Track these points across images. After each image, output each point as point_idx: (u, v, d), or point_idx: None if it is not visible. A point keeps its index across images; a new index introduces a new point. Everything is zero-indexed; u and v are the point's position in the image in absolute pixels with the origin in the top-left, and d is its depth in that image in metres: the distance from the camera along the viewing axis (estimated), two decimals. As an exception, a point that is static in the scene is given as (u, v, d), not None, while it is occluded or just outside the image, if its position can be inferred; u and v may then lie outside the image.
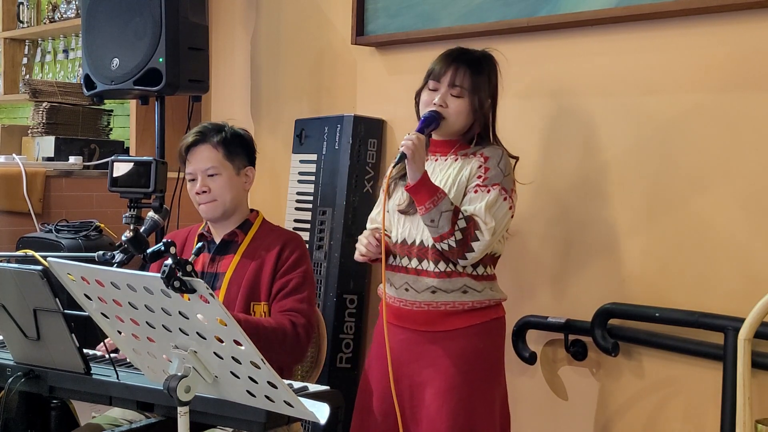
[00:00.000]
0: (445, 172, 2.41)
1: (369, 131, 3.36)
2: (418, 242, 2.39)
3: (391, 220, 2.48)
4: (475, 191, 2.34)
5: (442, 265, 2.36)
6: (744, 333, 2.01)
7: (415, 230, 2.40)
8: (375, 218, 2.57)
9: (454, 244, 2.28)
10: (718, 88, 2.50)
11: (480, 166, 2.36)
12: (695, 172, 2.54)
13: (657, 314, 2.55)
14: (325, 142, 3.44)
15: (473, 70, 2.39)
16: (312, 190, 3.47)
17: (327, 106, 3.65)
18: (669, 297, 2.59)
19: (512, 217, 2.41)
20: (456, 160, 2.41)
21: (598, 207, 2.76)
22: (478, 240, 2.29)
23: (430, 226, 2.30)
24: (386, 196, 2.40)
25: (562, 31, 2.82)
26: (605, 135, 2.74)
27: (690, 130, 2.55)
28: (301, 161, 3.55)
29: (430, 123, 2.38)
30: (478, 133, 2.43)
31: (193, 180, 2.52)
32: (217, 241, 2.55)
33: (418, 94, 2.48)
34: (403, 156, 2.29)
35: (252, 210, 2.60)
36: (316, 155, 3.48)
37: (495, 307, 2.44)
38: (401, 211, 2.44)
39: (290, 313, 2.38)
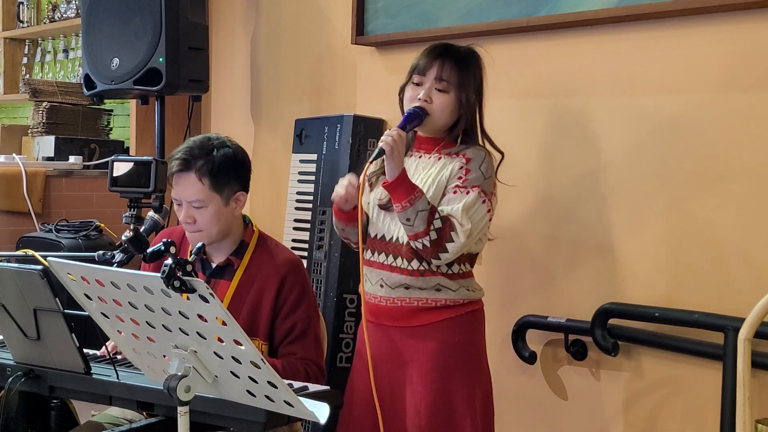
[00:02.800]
0: (427, 170, 2.38)
1: (369, 131, 3.36)
2: (394, 239, 2.38)
3: (371, 215, 2.46)
4: (454, 192, 2.30)
5: (415, 263, 2.34)
6: (744, 333, 2.01)
7: (394, 227, 2.37)
8: None
9: (428, 244, 2.26)
10: (717, 88, 2.50)
11: (461, 167, 2.33)
12: (695, 172, 2.54)
13: (657, 314, 2.55)
14: (325, 142, 3.44)
15: (459, 65, 2.36)
16: (312, 190, 3.47)
17: (327, 106, 3.64)
18: (669, 297, 2.59)
19: (490, 220, 2.37)
20: (439, 159, 2.38)
21: (598, 207, 2.76)
22: (453, 241, 2.26)
23: (406, 224, 2.28)
24: (362, 190, 2.32)
25: (562, 30, 2.82)
26: (605, 135, 2.74)
27: (690, 130, 2.55)
28: (301, 161, 3.55)
29: (412, 120, 2.33)
30: (464, 131, 2.40)
31: (180, 205, 2.36)
32: (213, 264, 2.42)
33: (402, 90, 2.44)
34: (381, 151, 2.27)
35: (246, 223, 2.44)
36: (316, 155, 3.48)
37: (468, 303, 2.40)
38: (381, 206, 2.41)
39: (304, 361, 2.31)
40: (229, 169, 2.33)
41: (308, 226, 3.46)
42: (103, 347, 2.26)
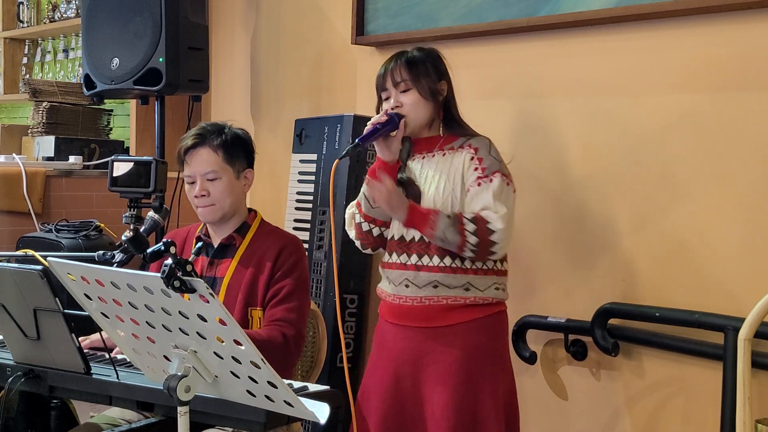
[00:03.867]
0: (434, 167, 2.40)
1: (369, 131, 3.35)
2: (417, 238, 2.37)
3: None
4: (478, 184, 2.31)
5: (447, 260, 2.34)
6: (744, 333, 2.00)
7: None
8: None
9: (475, 249, 2.27)
10: (717, 88, 2.50)
11: (472, 158, 2.35)
12: (696, 171, 2.54)
13: (657, 314, 2.55)
14: (325, 142, 3.44)
15: (408, 63, 2.41)
16: (312, 190, 3.47)
17: (327, 105, 3.65)
18: (669, 297, 2.59)
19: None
20: (444, 155, 2.41)
21: (598, 207, 2.76)
22: (495, 232, 2.25)
23: (444, 244, 2.30)
24: (332, 190, 2.40)
25: (561, 31, 2.82)
26: (606, 135, 2.74)
27: (691, 130, 2.55)
28: (301, 161, 3.55)
29: (386, 124, 2.36)
30: (452, 118, 2.44)
31: (192, 183, 2.47)
32: (215, 244, 2.51)
33: (378, 111, 2.47)
34: (356, 145, 2.35)
35: (250, 210, 2.56)
36: (316, 155, 3.48)
37: (496, 303, 2.42)
38: None
39: (281, 324, 2.34)
40: (239, 146, 2.50)
41: (308, 226, 3.46)
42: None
